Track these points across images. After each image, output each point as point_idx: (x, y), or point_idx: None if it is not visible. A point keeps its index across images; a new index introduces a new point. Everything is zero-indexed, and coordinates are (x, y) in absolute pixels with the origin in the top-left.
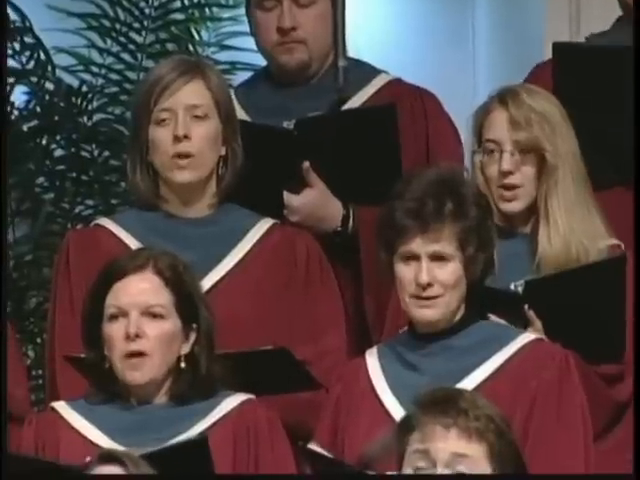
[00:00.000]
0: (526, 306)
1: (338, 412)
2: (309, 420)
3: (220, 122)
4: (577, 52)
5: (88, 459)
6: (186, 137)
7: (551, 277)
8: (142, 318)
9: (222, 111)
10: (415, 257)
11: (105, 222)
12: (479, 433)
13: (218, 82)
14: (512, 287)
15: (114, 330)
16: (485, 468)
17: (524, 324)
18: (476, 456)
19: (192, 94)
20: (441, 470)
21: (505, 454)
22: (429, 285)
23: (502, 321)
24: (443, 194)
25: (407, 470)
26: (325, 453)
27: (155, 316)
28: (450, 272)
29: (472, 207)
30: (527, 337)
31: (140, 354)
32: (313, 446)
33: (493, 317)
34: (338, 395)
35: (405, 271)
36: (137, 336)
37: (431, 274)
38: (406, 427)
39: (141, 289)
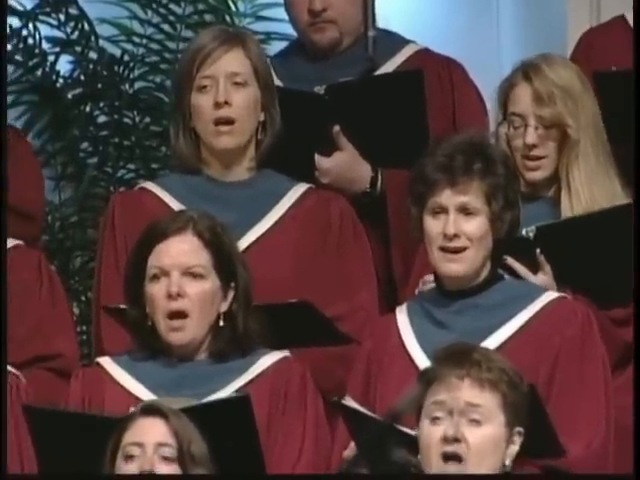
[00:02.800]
0: (538, 250)
1: (369, 367)
2: (343, 375)
3: (259, 89)
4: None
5: (132, 409)
6: (227, 103)
7: (561, 223)
8: (183, 278)
9: (261, 78)
10: (443, 210)
11: (149, 185)
12: (492, 384)
13: (257, 51)
14: (524, 233)
15: (156, 290)
16: (499, 417)
17: (535, 268)
18: (489, 405)
19: (232, 62)
20: (457, 419)
21: (518, 405)
22: (455, 236)
23: (517, 263)
24: (472, 153)
25: (425, 421)
26: (359, 408)
27: (195, 276)
28: (476, 226)
29: (500, 166)
30: (551, 295)
31: (181, 314)
32: (348, 401)
33: (509, 259)
34: (369, 350)
35: (433, 225)
36: (178, 295)
37: (458, 226)
38: (424, 381)
39: (181, 250)
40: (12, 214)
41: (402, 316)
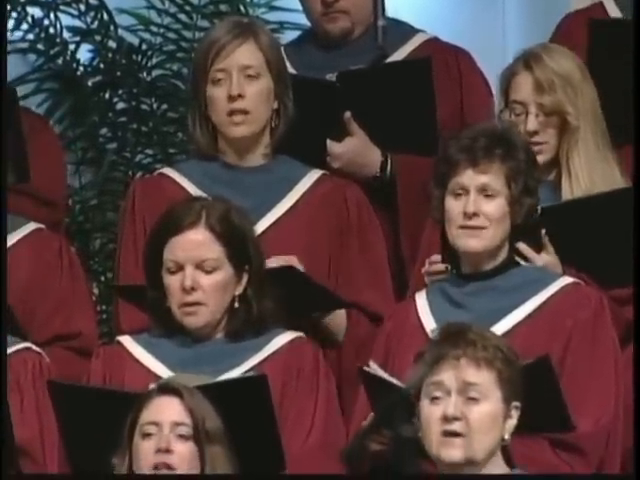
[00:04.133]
0: (543, 231)
1: (389, 346)
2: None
3: (272, 79)
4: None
5: (151, 386)
6: (240, 96)
7: (565, 204)
8: (196, 271)
9: (273, 69)
10: (465, 190)
11: (168, 171)
12: (487, 362)
13: (269, 42)
14: None
15: (172, 281)
16: (496, 394)
17: (538, 249)
18: (486, 383)
19: (245, 54)
20: (455, 398)
21: (514, 381)
22: (475, 215)
23: (521, 243)
24: (495, 138)
25: (424, 401)
26: (379, 374)
27: (208, 270)
28: (496, 207)
29: (521, 152)
30: (566, 280)
31: (196, 303)
32: (371, 365)
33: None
34: (389, 331)
35: (454, 205)
36: (192, 289)
37: (478, 205)
38: (422, 362)
39: (194, 244)
40: (33, 200)
41: (421, 300)
